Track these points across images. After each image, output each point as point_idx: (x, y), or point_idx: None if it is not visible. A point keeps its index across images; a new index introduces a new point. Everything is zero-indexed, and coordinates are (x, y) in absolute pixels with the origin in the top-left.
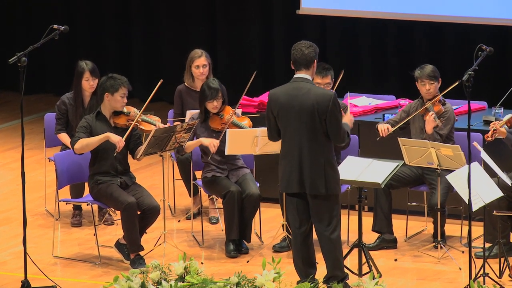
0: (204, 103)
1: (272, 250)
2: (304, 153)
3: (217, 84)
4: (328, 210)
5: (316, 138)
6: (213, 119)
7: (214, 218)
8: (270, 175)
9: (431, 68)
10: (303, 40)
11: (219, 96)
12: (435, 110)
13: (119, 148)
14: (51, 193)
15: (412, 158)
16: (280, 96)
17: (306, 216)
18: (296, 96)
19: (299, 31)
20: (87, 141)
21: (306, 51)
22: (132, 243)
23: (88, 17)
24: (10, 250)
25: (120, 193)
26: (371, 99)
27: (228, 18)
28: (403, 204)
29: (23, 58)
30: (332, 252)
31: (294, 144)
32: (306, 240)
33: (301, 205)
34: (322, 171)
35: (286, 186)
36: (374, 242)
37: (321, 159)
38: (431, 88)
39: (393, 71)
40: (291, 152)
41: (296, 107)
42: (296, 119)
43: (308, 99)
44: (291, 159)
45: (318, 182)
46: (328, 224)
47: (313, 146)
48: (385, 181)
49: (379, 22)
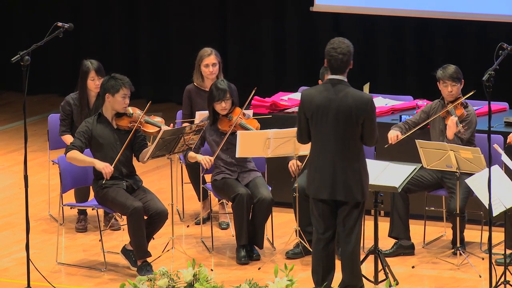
0: (212, 104)
1: (285, 257)
2: (338, 157)
3: (225, 85)
4: (355, 217)
5: (352, 142)
6: (222, 121)
7: (224, 223)
8: (282, 179)
9: (453, 68)
10: (338, 41)
11: (228, 97)
12: (458, 114)
13: (106, 175)
14: (55, 197)
15: (430, 161)
16: (316, 97)
17: (332, 222)
18: (333, 98)
19: (312, 28)
20: (78, 156)
21: (345, 58)
22: (139, 249)
23: (94, 14)
24: (13, 256)
25: (126, 197)
26: (387, 100)
27: (239, 15)
28: (421, 209)
29: (26, 57)
30: (353, 261)
31: (328, 148)
32: (328, 246)
33: (327, 211)
34: (358, 178)
35: (316, 191)
36: (391, 249)
37: (357, 164)
38: (454, 90)
39: (410, 71)
40: (324, 156)
41: (333, 110)
42: (332, 122)
43: (346, 101)
44: (324, 163)
45: (354, 189)
46: (352, 231)
47: (348, 151)
48: (402, 185)
49: (396, 20)
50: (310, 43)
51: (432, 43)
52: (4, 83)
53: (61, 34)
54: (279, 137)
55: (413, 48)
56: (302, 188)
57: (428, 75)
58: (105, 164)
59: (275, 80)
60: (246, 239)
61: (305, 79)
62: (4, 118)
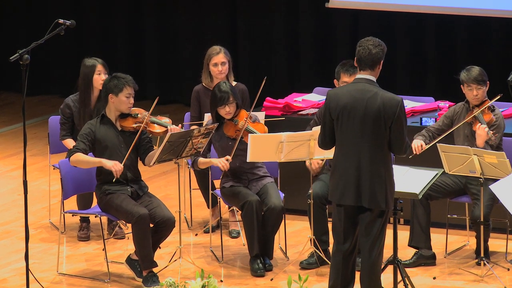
0: (216, 109)
1: (299, 267)
2: (365, 162)
3: (227, 87)
4: (379, 226)
5: (379, 146)
6: (228, 125)
7: (235, 232)
8: (296, 185)
9: (478, 71)
10: (371, 37)
11: (231, 100)
12: (486, 120)
13: (116, 173)
14: (56, 204)
15: (452, 166)
16: (342, 98)
17: (353, 232)
18: (361, 99)
19: (328, 26)
20: (83, 158)
21: (374, 50)
22: (145, 259)
23: (97, 10)
24: (11, 267)
25: (131, 204)
26: (407, 101)
27: (250, 11)
28: (443, 216)
29: (26, 56)
30: (373, 273)
31: (354, 151)
32: (348, 259)
33: (350, 219)
34: (383, 184)
35: (340, 197)
36: (411, 259)
37: (383, 170)
38: (479, 94)
39: (431, 70)
40: (349, 160)
41: (361, 111)
42: (359, 124)
43: (374, 103)
44: (349, 167)
45: (378, 196)
46: (375, 242)
47: (374, 155)
48: (423, 191)
49: (416, 16)
50: (326, 41)
51: (454, 41)
52: (2, 83)
53: (63, 32)
54: (292, 141)
55: (434, 47)
56: (317, 195)
57: (450, 74)
58: (114, 162)
59: (288, 80)
60: (258, 249)
61: (320, 79)
62: (2, 120)
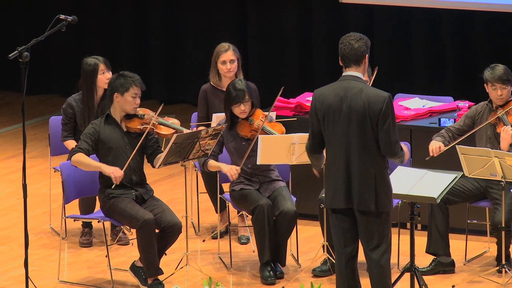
0: (230, 107)
1: (311, 274)
2: (353, 163)
3: (243, 85)
4: (377, 229)
5: (367, 146)
6: (242, 125)
7: (244, 238)
8: (308, 188)
9: (503, 69)
10: (352, 32)
11: (247, 98)
12: (511, 122)
13: (116, 180)
14: (56, 208)
15: (472, 169)
16: (328, 96)
17: (352, 235)
18: (345, 96)
19: (342, 22)
20: (84, 160)
21: (356, 44)
22: (150, 266)
23: (99, 6)
24: (10, 274)
25: (136, 209)
26: (425, 101)
27: (260, 6)
28: (462, 222)
29: (25, 53)
30: (382, 279)
31: (341, 152)
32: (351, 262)
33: (347, 222)
34: (372, 185)
35: (331, 200)
36: (429, 266)
37: (372, 170)
38: (504, 93)
39: (450, 69)
40: (338, 161)
41: (345, 109)
42: (345, 123)
43: (359, 100)
44: (337, 169)
45: (367, 197)
46: (378, 245)
47: (363, 155)
48: (441, 195)
49: (435, 12)
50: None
51: (474, 38)
52: (1, 82)
53: (64, 28)
54: (304, 142)
55: (453, 43)
56: None
57: (470, 73)
58: (114, 168)
59: (300, 78)
60: (269, 255)
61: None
62: (0, 120)
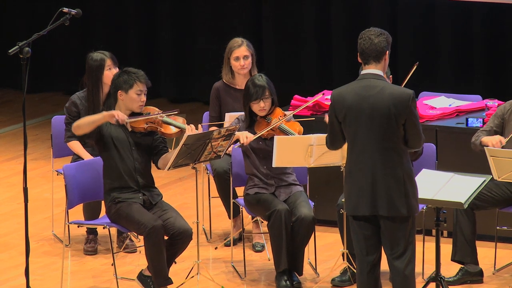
0: (249, 104)
1: (331, 285)
2: (378, 166)
3: (264, 81)
4: (404, 235)
5: (393, 147)
6: (260, 123)
7: (259, 245)
8: (327, 193)
9: None
10: (372, 27)
11: (267, 95)
12: None
13: (120, 120)
14: (59, 213)
15: (502, 172)
16: (347, 97)
17: (375, 241)
18: (367, 96)
19: (362, 14)
20: (83, 120)
21: (376, 40)
22: (158, 275)
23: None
24: (10, 283)
25: (144, 214)
26: (451, 100)
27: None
28: (491, 228)
29: (26, 49)
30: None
31: (365, 156)
32: (373, 271)
33: (369, 229)
34: (402, 188)
35: (354, 207)
36: (455, 275)
37: (400, 172)
38: None
39: (479, 65)
40: (362, 165)
41: (367, 110)
42: (367, 124)
43: (382, 100)
44: (362, 174)
45: (397, 201)
46: (403, 253)
47: (389, 157)
48: (469, 200)
49: (463, 5)
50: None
51: (504, 32)
52: (0, 80)
53: (67, 22)
54: (323, 144)
55: (482, 38)
56: None
57: (499, 70)
58: (115, 112)
59: (318, 76)
60: (286, 264)
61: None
62: (0, 120)
